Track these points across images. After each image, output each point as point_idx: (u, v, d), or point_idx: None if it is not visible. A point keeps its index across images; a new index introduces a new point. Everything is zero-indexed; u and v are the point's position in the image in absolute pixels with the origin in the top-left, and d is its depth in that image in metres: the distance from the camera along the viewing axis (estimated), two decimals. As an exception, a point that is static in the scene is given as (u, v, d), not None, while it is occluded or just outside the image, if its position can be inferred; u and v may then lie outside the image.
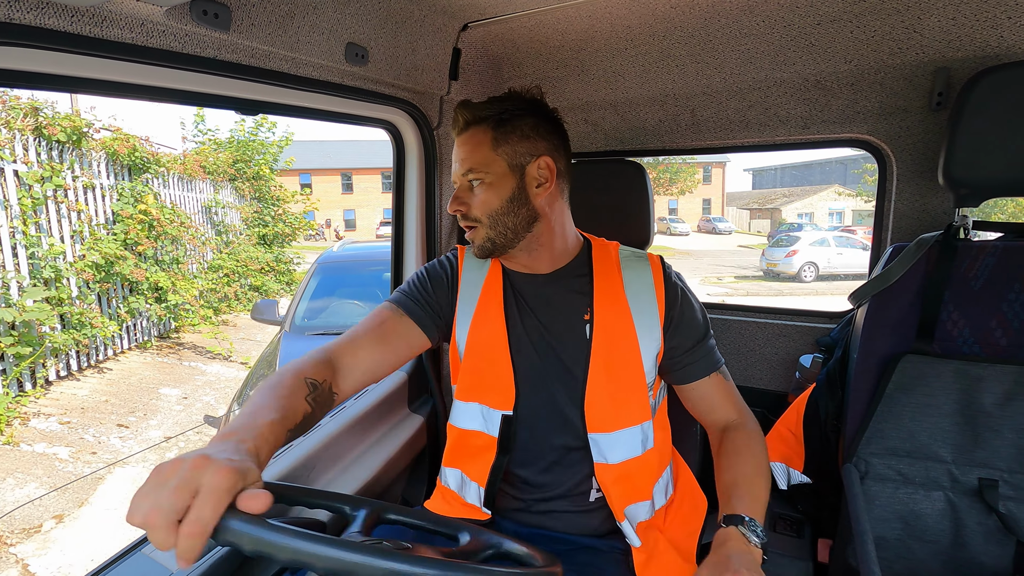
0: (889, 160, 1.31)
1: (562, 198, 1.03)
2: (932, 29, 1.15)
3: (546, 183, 0.97)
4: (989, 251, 1.04)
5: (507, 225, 0.96)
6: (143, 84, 0.85)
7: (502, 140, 0.95)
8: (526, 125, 0.97)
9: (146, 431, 4.83)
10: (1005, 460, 0.99)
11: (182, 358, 6.82)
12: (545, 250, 1.03)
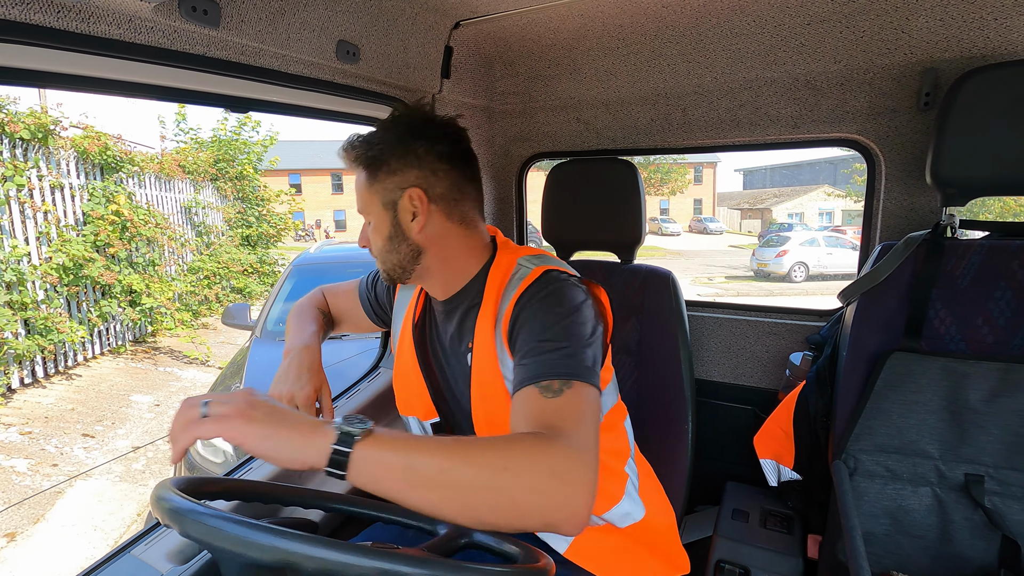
0: (878, 160, 1.32)
1: (453, 221, 0.94)
2: (920, 30, 1.16)
3: (419, 214, 0.91)
4: (976, 249, 1.06)
5: (393, 262, 0.95)
6: (131, 81, 0.84)
7: (374, 179, 0.92)
8: (394, 157, 0.91)
9: (113, 441, 4.59)
10: (991, 456, 1.00)
11: (157, 363, 6.59)
12: (437, 279, 0.99)
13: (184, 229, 8.40)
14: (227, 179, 9.42)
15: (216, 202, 9.34)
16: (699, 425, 1.39)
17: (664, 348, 1.34)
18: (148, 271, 6.97)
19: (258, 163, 9.84)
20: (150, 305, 6.62)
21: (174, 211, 8.20)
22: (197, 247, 8.62)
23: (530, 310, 0.86)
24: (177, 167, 8.30)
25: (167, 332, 7.27)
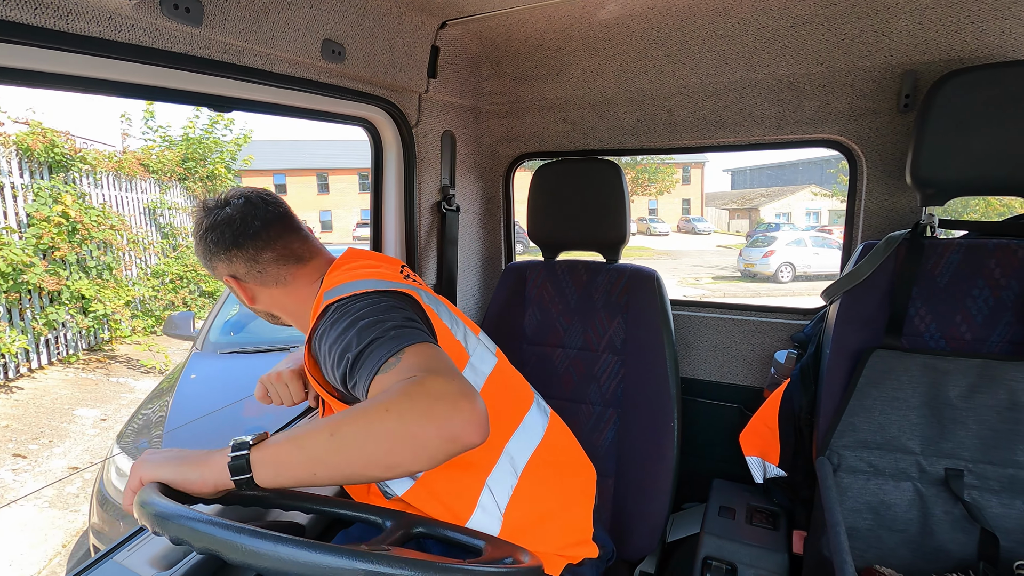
0: (859, 160, 1.34)
1: (267, 286, 1.01)
2: (900, 33, 1.18)
3: (242, 296, 1.04)
4: (954, 248, 1.07)
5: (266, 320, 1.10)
6: (112, 79, 0.83)
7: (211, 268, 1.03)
8: (204, 257, 1.02)
9: (48, 460, 4.13)
10: (970, 451, 1.02)
11: (111, 373, 6.12)
12: (297, 325, 1.07)
13: (148, 231, 7.96)
14: (197, 179, 9.01)
15: (184, 203, 8.89)
16: (685, 423, 1.40)
17: (649, 347, 1.35)
18: (104, 275, 6.53)
19: (231, 162, 9.51)
20: (103, 312, 6.19)
21: (136, 212, 7.74)
22: (163, 249, 8.22)
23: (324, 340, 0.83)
24: (139, 166, 7.88)
25: (124, 340, 6.87)
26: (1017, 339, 1.03)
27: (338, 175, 29.79)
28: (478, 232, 1.83)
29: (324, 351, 0.82)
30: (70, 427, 4.78)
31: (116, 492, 2.35)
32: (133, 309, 7.04)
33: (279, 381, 1.09)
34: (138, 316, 7.03)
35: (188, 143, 9.03)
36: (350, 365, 0.77)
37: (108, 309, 6.26)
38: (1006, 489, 1.00)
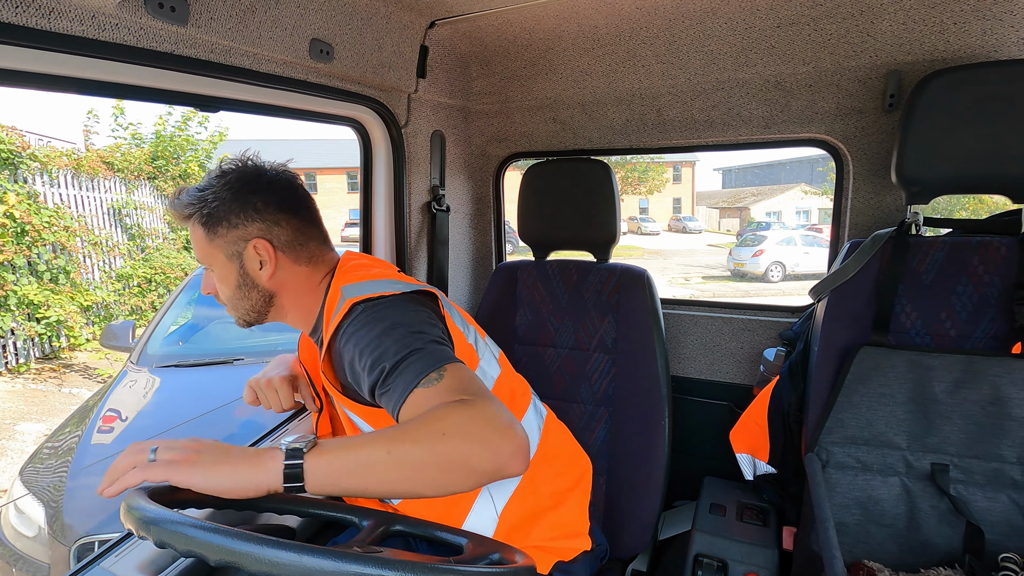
0: (846, 159, 1.35)
1: (299, 264, 0.97)
2: (884, 33, 1.20)
3: (267, 264, 0.94)
4: (939, 246, 1.09)
5: (245, 307, 0.97)
6: (95, 79, 0.82)
7: (212, 234, 0.92)
8: (232, 212, 0.92)
9: None
10: (955, 446, 1.03)
11: (64, 383, 5.69)
12: (293, 317, 1.02)
13: (112, 233, 7.44)
14: (168, 178, 8.43)
15: (153, 203, 8.33)
16: (676, 421, 1.41)
17: (640, 345, 1.35)
18: (60, 280, 6.14)
19: (207, 161, 8.88)
20: (55, 318, 5.78)
21: (99, 213, 7.24)
22: (129, 251, 7.71)
23: (346, 344, 0.84)
24: (101, 164, 7.37)
25: (81, 347, 6.37)
26: (1000, 335, 1.05)
27: (326, 175, 29.60)
28: (468, 232, 1.83)
29: (352, 352, 0.83)
30: (9, 444, 4.41)
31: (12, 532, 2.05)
32: (95, 314, 6.67)
33: (269, 387, 1.07)
34: (97, 322, 6.60)
35: (158, 141, 8.49)
36: (385, 374, 0.78)
37: (60, 315, 5.87)
38: (990, 483, 1.01)
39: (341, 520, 0.85)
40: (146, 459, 0.68)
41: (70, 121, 11.81)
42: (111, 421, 2.38)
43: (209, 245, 0.93)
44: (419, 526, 0.85)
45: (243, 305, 0.97)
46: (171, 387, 2.70)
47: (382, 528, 0.81)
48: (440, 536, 0.84)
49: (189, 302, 3.41)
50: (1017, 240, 1.05)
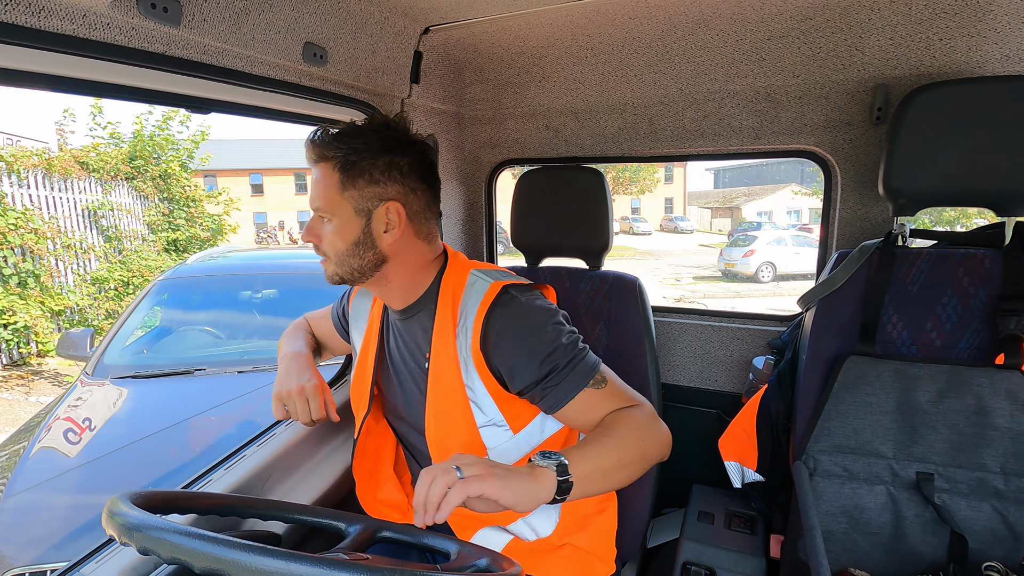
0: (834, 170, 1.37)
1: (419, 237, 0.98)
2: (872, 48, 1.21)
3: (394, 229, 0.93)
4: (925, 257, 1.10)
5: (352, 266, 0.94)
6: (85, 79, 0.81)
7: (348, 183, 0.90)
8: (376, 167, 0.91)
9: None
10: (940, 455, 1.05)
11: (32, 391, 5.51)
12: (394, 288, 1.00)
13: (87, 234, 7.28)
14: (147, 178, 8.28)
15: (130, 204, 8.16)
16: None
17: (631, 353, 1.36)
18: (29, 284, 5.97)
19: (188, 160, 8.79)
20: (23, 323, 5.60)
21: (70, 214, 7.05)
22: (106, 254, 7.50)
23: (507, 325, 0.92)
24: (75, 165, 7.17)
25: (51, 354, 6.23)
26: (984, 345, 1.06)
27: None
28: (460, 237, 1.83)
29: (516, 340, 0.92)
30: None
31: None
32: (67, 320, 6.46)
33: (300, 396, 1.02)
34: (69, 327, 6.43)
35: (137, 140, 8.31)
36: (557, 371, 0.90)
37: (27, 321, 5.65)
38: (974, 492, 1.03)
39: (327, 526, 0.85)
40: (455, 477, 0.69)
41: (43, 120, 11.53)
42: (81, 432, 2.24)
43: (340, 194, 0.91)
44: (407, 532, 0.85)
45: (351, 263, 0.94)
46: (124, 402, 2.50)
47: (368, 534, 0.81)
48: (428, 543, 0.84)
49: (157, 305, 3.26)
50: (1001, 252, 1.07)
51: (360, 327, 1.15)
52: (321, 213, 0.93)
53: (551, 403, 0.92)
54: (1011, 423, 1.01)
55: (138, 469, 2.07)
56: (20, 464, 2.07)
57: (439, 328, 0.97)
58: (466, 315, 0.95)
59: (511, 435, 0.99)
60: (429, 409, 0.99)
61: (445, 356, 0.96)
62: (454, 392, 0.96)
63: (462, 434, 0.97)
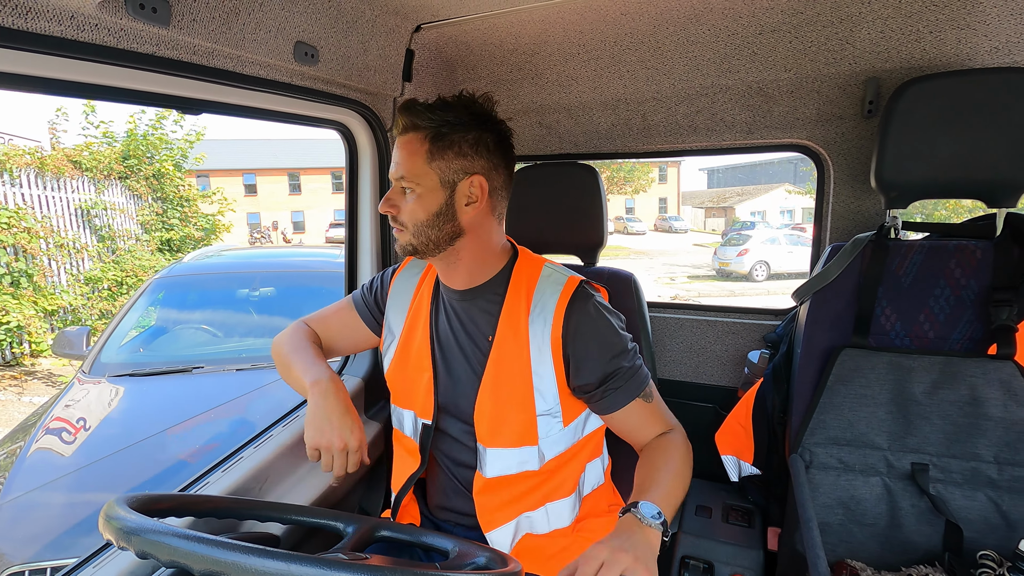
0: (827, 164, 1.37)
1: (493, 215, 1.01)
2: (863, 41, 1.22)
3: (476, 202, 0.96)
4: (917, 250, 1.11)
5: (429, 237, 0.96)
6: (74, 80, 0.80)
7: (437, 154, 0.92)
8: (466, 141, 0.93)
9: None
10: (934, 445, 1.05)
11: (25, 391, 5.51)
12: (463, 265, 1.01)
13: (79, 234, 7.23)
14: (141, 178, 8.25)
15: (123, 203, 8.14)
16: None
17: None
18: (21, 283, 5.95)
19: (182, 160, 8.77)
20: (16, 323, 5.59)
21: (65, 214, 7.07)
22: (99, 253, 7.47)
23: (586, 325, 0.98)
24: (67, 164, 7.13)
25: (44, 354, 6.22)
26: (977, 336, 1.07)
27: (310, 175, 29.33)
28: None
29: (595, 337, 0.98)
30: None
31: None
32: (60, 319, 6.43)
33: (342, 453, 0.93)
34: (62, 327, 6.35)
35: (130, 140, 8.25)
36: (620, 375, 0.97)
37: (20, 321, 5.64)
38: (968, 482, 1.03)
39: (325, 527, 0.85)
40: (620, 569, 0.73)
41: (36, 119, 11.51)
42: (76, 432, 2.22)
43: (427, 164, 0.92)
44: (406, 531, 0.85)
45: (429, 234, 0.95)
46: (121, 401, 2.49)
47: (367, 533, 0.81)
48: (427, 541, 0.84)
49: (152, 304, 3.22)
50: (992, 244, 1.08)
51: (401, 309, 1.12)
52: (405, 183, 0.94)
53: (606, 405, 0.99)
54: (1004, 413, 1.01)
55: (135, 469, 2.07)
56: (17, 464, 2.08)
57: (509, 311, 0.99)
58: (543, 304, 0.99)
59: (561, 427, 1.02)
60: (484, 390, 1.00)
61: (514, 339, 0.98)
62: (519, 375, 0.98)
63: (519, 419, 0.98)
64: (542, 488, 1.02)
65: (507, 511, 1.01)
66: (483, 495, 1.01)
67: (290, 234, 28.28)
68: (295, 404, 1.40)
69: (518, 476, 1.00)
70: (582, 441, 1.06)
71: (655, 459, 0.95)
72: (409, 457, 1.10)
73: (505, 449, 0.99)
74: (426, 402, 1.05)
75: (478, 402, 1.00)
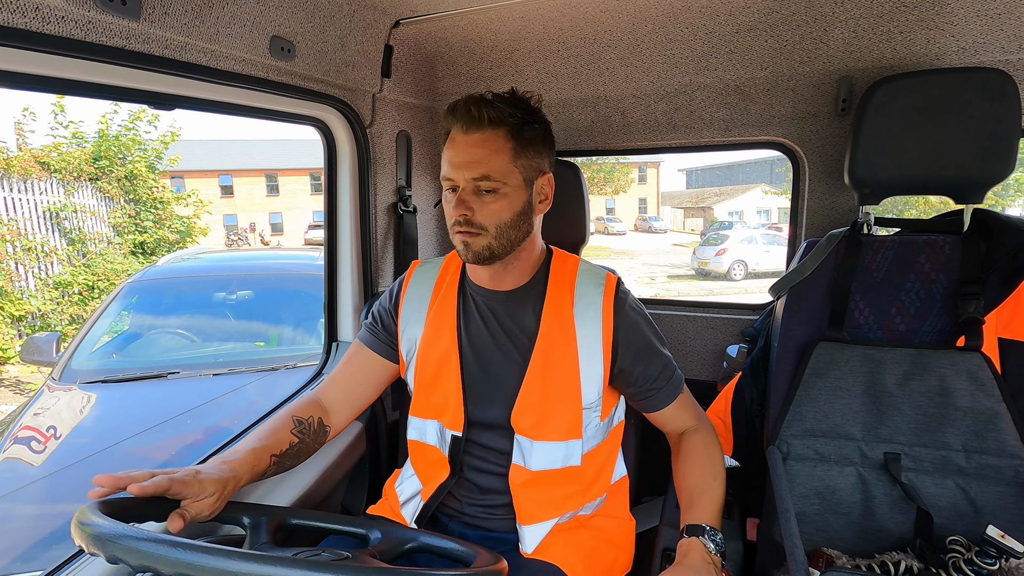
0: (802, 161, 1.40)
1: (544, 213, 1.03)
2: (836, 41, 1.24)
3: (546, 200, 0.98)
4: (888, 245, 1.14)
5: (511, 238, 0.93)
6: (40, 75, 0.78)
7: (521, 151, 0.90)
8: (538, 137, 0.93)
9: None
10: (905, 435, 1.08)
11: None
12: (519, 266, 1.00)
13: (48, 237, 7.04)
14: (113, 179, 8.04)
15: (94, 205, 7.92)
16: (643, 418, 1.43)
17: None
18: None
19: (156, 161, 8.54)
20: None
21: (33, 216, 6.88)
22: (69, 257, 7.26)
23: (633, 323, 1.01)
24: (35, 165, 6.94)
25: (11, 360, 6.02)
26: (946, 329, 1.10)
27: (288, 175, 28.84)
28: (436, 233, 1.82)
29: (643, 337, 1.02)
30: None
31: None
32: (28, 325, 6.26)
33: None
34: (30, 333, 6.14)
35: (101, 140, 8.01)
36: (666, 375, 1.03)
37: None
38: (938, 470, 1.06)
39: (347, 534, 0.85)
40: None
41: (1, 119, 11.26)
42: (46, 441, 2.15)
43: (512, 162, 0.90)
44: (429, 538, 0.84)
45: (511, 235, 0.93)
46: (93, 409, 2.42)
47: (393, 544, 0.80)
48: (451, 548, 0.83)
49: (125, 309, 3.12)
50: (960, 239, 1.11)
51: (419, 318, 1.07)
52: (490, 183, 0.89)
53: (653, 403, 1.04)
54: (971, 403, 1.04)
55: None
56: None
57: (553, 305, 1.00)
58: (588, 298, 1.00)
59: (599, 421, 1.03)
60: (530, 382, 0.98)
61: (560, 332, 0.98)
62: (567, 367, 0.97)
63: (567, 412, 0.98)
64: (583, 487, 1.04)
65: (550, 508, 1.01)
66: (525, 489, 0.99)
67: (268, 236, 27.78)
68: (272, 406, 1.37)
69: (562, 472, 1.00)
70: (612, 434, 1.10)
71: (701, 463, 1.03)
72: (433, 468, 1.06)
73: (552, 443, 0.99)
74: (456, 414, 1.02)
75: (522, 394, 0.98)
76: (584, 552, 1.03)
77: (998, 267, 1.05)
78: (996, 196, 13.60)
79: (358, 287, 1.52)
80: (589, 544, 1.05)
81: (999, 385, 1.03)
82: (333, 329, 1.56)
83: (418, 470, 1.10)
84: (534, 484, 1.00)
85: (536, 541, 1.00)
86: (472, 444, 1.04)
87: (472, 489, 1.06)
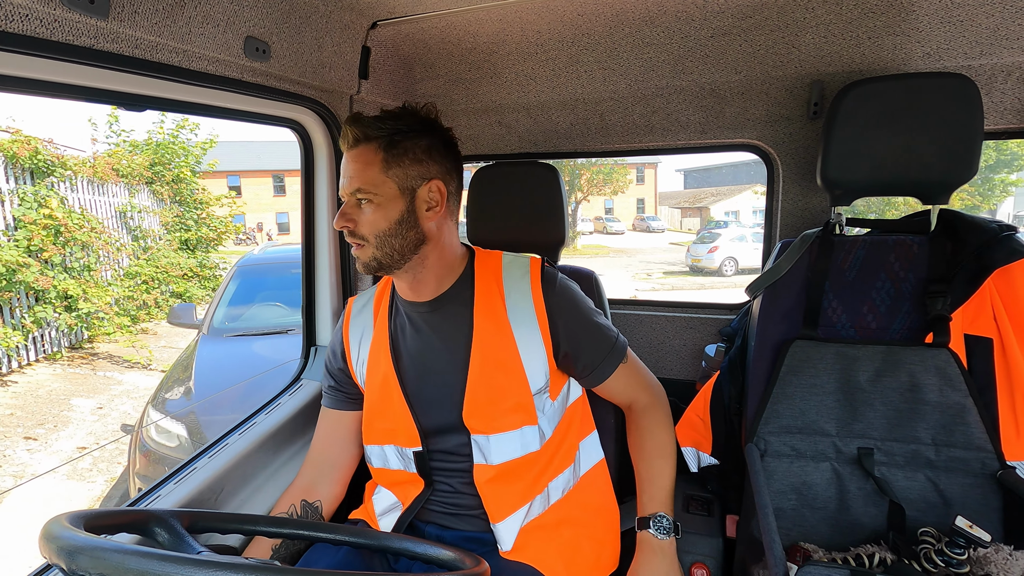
0: (776, 163, 1.42)
1: (451, 219, 1.03)
2: (808, 45, 1.26)
3: (436, 207, 0.97)
4: (860, 245, 1.15)
5: (393, 247, 0.95)
6: (4, 74, 0.76)
7: (393, 162, 0.93)
8: (419, 147, 0.95)
9: (57, 443, 4.64)
10: (878, 430, 1.10)
11: (96, 368, 6.52)
12: (430, 273, 1.01)
13: (119, 233, 8.21)
14: (164, 183, 9.21)
15: (152, 206, 9.12)
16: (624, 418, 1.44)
17: None
18: (84, 276, 6.79)
19: (197, 165, 9.65)
20: (87, 310, 6.47)
21: (108, 215, 8.02)
22: (134, 252, 8.42)
23: (566, 304, 1.04)
24: (110, 171, 8.10)
25: (106, 337, 7.10)
26: (915, 326, 1.12)
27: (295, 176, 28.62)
28: None
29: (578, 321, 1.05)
30: (70, 415, 5.23)
31: (155, 444, 2.85)
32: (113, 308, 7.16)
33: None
34: (120, 314, 7.27)
35: (156, 147, 9.15)
36: (609, 351, 1.07)
37: (94, 307, 6.54)
38: (909, 463, 1.08)
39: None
40: None
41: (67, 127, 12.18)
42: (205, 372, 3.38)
43: (384, 173, 0.93)
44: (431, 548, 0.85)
45: (392, 244, 0.95)
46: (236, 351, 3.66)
47: None
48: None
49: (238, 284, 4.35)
50: (927, 238, 1.13)
51: (366, 345, 1.10)
52: (361, 195, 0.93)
53: (593, 379, 1.09)
54: (940, 398, 1.06)
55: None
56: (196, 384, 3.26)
57: (483, 305, 1.01)
58: (516, 287, 1.02)
59: (551, 402, 1.05)
60: (473, 382, 0.99)
61: (495, 327, 0.99)
62: (508, 360, 0.99)
63: (517, 401, 1.00)
64: (546, 470, 1.04)
65: (516, 500, 1.01)
66: (491, 485, 1.00)
67: (275, 235, 27.85)
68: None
69: (523, 460, 1.01)
70: (569, 411, 1.11)
71: (645, 441, 1.10)
72: (405, 487, 1.08)
73: (507, 433, 1.00)
74: (409, 431, 1.04)
75: (468, 395, 0.99)
76: (564, 551, 1.03)
77: (963, 266, 1.07)
78: (982, 197, 13.70)
79: (336, 290, 1.53)
80: (569, 542, 1.05)
81: (966, 380, 1.05)
82: (311, 333, 1.56)
83: (391, 491, 1.11)
84: (500, 480, 1.01)
85: (511, 538, 1.00)
86: (435, 452, 1.06)
87: (444, 494, 1.07)
